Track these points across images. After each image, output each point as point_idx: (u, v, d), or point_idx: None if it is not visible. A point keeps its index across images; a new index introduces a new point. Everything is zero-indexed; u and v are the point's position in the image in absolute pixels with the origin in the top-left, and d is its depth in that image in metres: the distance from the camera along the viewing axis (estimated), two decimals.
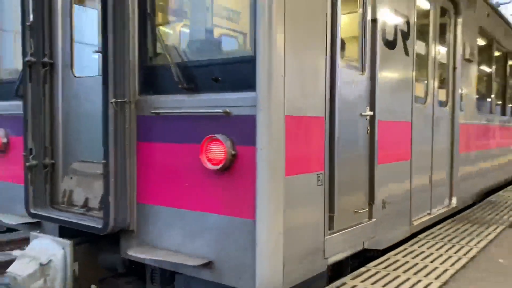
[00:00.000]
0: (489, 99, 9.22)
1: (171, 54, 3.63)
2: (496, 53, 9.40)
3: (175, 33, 4.27)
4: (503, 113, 10.39)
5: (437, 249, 4.94)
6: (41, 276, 3.79)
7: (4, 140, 5.02)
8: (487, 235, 5.64)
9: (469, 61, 7.14)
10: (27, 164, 4.32)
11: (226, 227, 3.34)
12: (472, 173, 7.68)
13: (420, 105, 5.66)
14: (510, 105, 10.98)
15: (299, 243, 3.44)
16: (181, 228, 3.61)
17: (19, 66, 4.89)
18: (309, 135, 3.52)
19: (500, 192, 9.30)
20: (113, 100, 3.67)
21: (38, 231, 4.29)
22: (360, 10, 4.30)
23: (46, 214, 4.24)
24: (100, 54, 3.82)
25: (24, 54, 4.31)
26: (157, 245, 3.76)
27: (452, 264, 4.41)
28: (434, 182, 6.14)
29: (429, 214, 6.06)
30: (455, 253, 4.83)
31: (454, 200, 6.84)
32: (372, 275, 4.02)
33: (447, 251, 4.89)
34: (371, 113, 4.36)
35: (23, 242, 9.22)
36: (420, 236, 5.46)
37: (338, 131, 3.78)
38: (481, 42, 8.10)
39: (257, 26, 3.13)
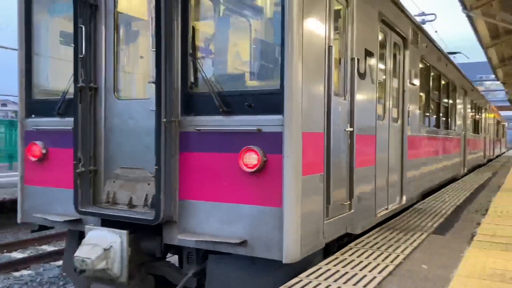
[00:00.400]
0: (428, 115, 10.99)
1: (213, 85, 4.75)
2: (432, 74, 11.22)
3: (215, 67, 5.38)
4: (438, 126, 12.26)
5: (366, 257, 5.16)
6: (104, 258, 4.74)
7: (44, 151, 5.88)
8: (412, 242, 5.96)
9: (413, 84, 8.75)
10: (77, 170, 5.24)
11: (258, 214, 4.50)
12: (416, 176, 9.30)
13: (380, 121, 7.09)
14: (443, 119, 12.91)
15: (309, 225, 4.65)
16: (219, 217, 4.70)
17: (56, 87, 5.84)
18: (315, 146, 4.77)
19: (431, 196, 10.50)
20: (164, 119, 4.75)
21: (93, 225, 5.20)
22: (344, 51, 5.64)
23: (97, 211, 5.17)
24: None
25: (76, 81, 5.23)
26: (197, 231, 4.82)
27: (380, 272, 4.64)
28: (389, 183, 7.58)
29: (386, 209, 7.49)
30: (383, 260, 5.05)
31: (404, 198, 8.36)
32: (304, 286, 4.22)
33: (375, 258, 5.12)
34: (351, 129, 5.67)
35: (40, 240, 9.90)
36: (351, 244, 5.78)
37: (332, 142, 5.05)
38: (422, 67, 9.81)
39: (284, 69, 4.36)
